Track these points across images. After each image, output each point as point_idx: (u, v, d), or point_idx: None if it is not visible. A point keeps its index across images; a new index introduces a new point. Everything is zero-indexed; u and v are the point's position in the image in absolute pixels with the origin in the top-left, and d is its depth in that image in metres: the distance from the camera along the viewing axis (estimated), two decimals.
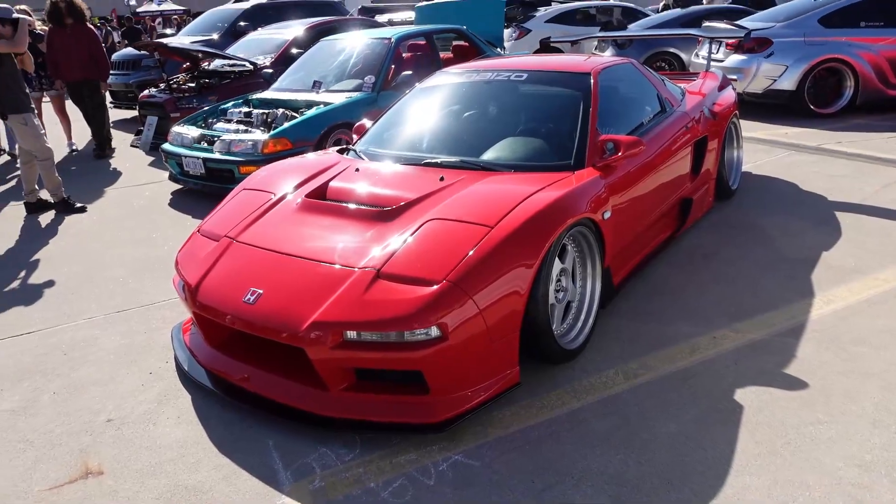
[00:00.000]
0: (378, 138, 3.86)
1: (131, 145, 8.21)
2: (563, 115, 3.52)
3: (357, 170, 3.38)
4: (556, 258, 2.73)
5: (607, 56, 5.34)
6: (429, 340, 2.29)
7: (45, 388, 2.97)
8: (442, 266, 2.42)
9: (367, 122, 4.11)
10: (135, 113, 9.02)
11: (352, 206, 2.98)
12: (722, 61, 7.95)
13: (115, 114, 10.94)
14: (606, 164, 3.17)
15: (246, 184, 3.48)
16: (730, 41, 7.80)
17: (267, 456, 2.41)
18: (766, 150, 6.40)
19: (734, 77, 7.26)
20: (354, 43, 6.86)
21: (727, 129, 4.81)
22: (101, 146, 7.93)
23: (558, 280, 2.83)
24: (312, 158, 3.80)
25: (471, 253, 2.44)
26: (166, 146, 6.02)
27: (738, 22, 8.23)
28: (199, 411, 2.71)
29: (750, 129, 7.00)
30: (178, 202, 5.86)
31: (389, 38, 6.53)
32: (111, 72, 10.86)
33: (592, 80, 3.57)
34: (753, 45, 7.65)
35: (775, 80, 7.59)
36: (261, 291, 2.55)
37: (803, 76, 7.47)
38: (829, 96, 7.64)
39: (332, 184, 3.25)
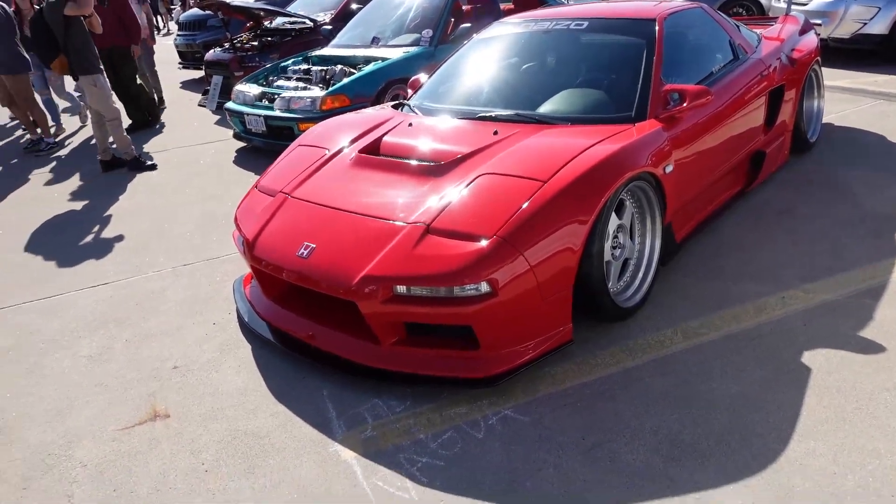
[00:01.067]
0: (433, 92, 3.79)
1: (199, 105, 8.42)
2: (624, 64, 3.35)
3: (410, 125, 3.34)
4: (614, 214, 2.63)
5: (676, 1, 5.03)
6: (479, 296, 2.27)
7: (119, 336, 3.14)
8: (493, 221, 2.37)
9: (422, 76, 4.04)
10: (202, 73, 9.21)
11: (404, 161, 2.95)
12: (805, 4, 7.37)
13: (182, 74, 11.25)
14: (670, 115, 3.01)
15: (302, 140, 3.51)
16: None
17: (321, 405, 2.48)
18: (850, 100, 5.94)
19: (818, 22, 6.72)
20: None
21: (807, 78, 4.47)
22: (153, 115, 7.77)
23: (615, 236, 2.74)
24: (367, 113, 3.78)
25: (523, 207, 2.39)
26: (230, 104, 6.13)
27: None
28: (258, 361, 2.80)
29: (833, 77, 6.49)
30: (242, 159, 6.00)
31: None
32: (178, 33, 11.15)
33: (657, 27, 3.37)
34: None
35: (865, 24, 6.98)
36: (314, 246, 2.58)
37: None
38: None
39: (385, 139, 3.22)
